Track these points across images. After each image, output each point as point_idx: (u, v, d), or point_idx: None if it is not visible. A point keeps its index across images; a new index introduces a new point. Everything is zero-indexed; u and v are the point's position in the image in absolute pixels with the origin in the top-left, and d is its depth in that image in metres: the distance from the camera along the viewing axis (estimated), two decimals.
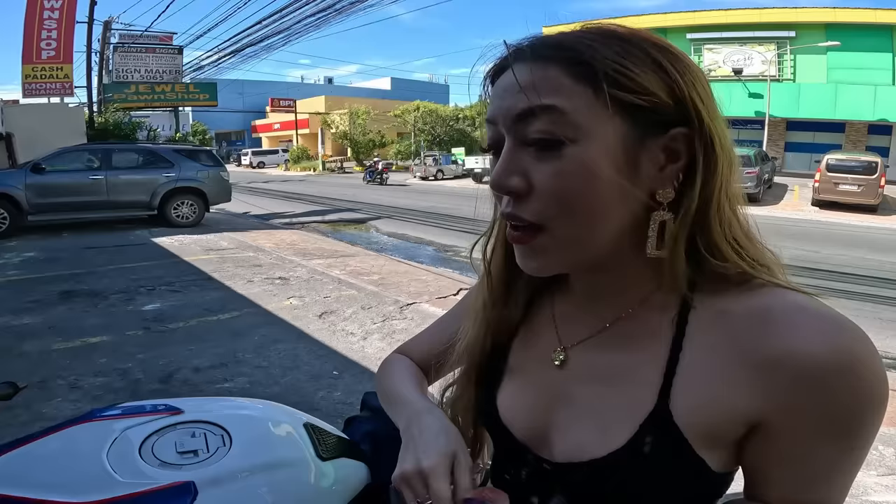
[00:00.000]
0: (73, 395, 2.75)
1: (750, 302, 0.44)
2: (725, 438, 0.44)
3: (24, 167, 8.34)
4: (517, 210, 0.45)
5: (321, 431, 0.81)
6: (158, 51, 16.67)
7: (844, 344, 0.40)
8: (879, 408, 0.41)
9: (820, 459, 0.42)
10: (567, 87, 0.42)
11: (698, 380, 0.44)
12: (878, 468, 2.28)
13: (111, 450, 0.66)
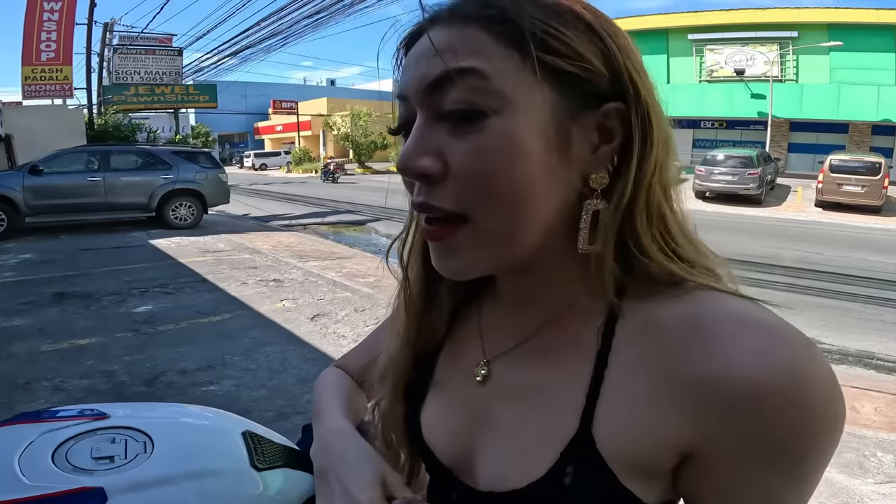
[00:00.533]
0: (56, 398, 2.73)
1: (680, 310, 0.37)
2: (655, 468, 0.38)
3: (21, 169, 8.37)
4: (430, 198, 0.38)
5: (262, 441, 0.77)
6: (158, 52, 16.74)
7: (788, 362, 0.34)
8: (831, 433, 0.35)
9: (762, 493, 0.36)
10: (489, 49, 0.36)
11: (623, 402, 0.38)
12: (876, 476, 2.23)
13: (24, 453, 0.63)
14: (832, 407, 0.35)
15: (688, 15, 22.20)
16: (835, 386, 0.35)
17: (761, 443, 0.34)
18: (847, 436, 2.54)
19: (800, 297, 5.81)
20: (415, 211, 0.43)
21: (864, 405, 2.90)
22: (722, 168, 14.98)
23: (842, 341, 4.46)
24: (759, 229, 11.03)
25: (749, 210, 13.95)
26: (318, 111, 35.77)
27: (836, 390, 0.35)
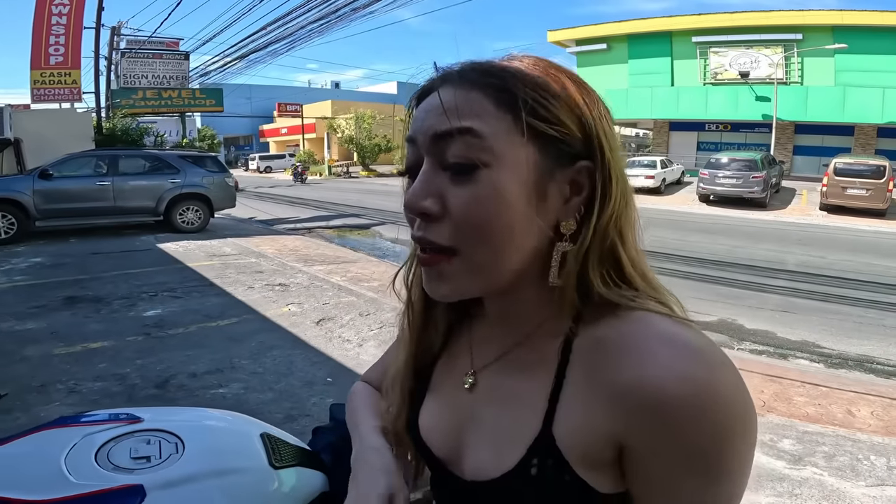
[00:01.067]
0: (70, 400, 2.81)
1: (619, 329, 0.44)
2: (601, 460, 0.45)
3: (31, 173, 8.47)
4: (428, 233, 0.45)
5: (278, 441, 0.85)
6: (165, 56, 16.87)
7: (696, 373, 0.40)
8: (740, 440, 0.41)
9: (684, 493, 0.42)
10: (487, 112, 0.43)
11: (575, 405, 0.46)
12: (868, 479, 2.26)
13: (70, 454, 0.71)
14: (740, 419, 0.41)
15: (692, 17, 22.14)
16: (741, 396, 0.41)
17: (675, 446, 0.40)
18: (841, 439, 2.59)
19: (801, 301, 5.85)
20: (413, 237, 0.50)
21: (861, 409, 2.95)
22: (726, 171, 14.97)
23: (842, 345, 4.50)
24: (763, 233, 11.04)
25: (753, 213, 13.96)
26: (322, 114, 35.91)
27: (742, 400, 0.41)
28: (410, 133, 0.48)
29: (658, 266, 4.03)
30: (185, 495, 0.69)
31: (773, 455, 2.43)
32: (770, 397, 3.06)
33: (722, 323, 5.03)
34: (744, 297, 5.94)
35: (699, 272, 7.12)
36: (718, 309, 5.43)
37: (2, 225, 7.91)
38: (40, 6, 13.53)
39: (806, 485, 2.20)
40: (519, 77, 0.44)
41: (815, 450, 2.48)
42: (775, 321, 5.10)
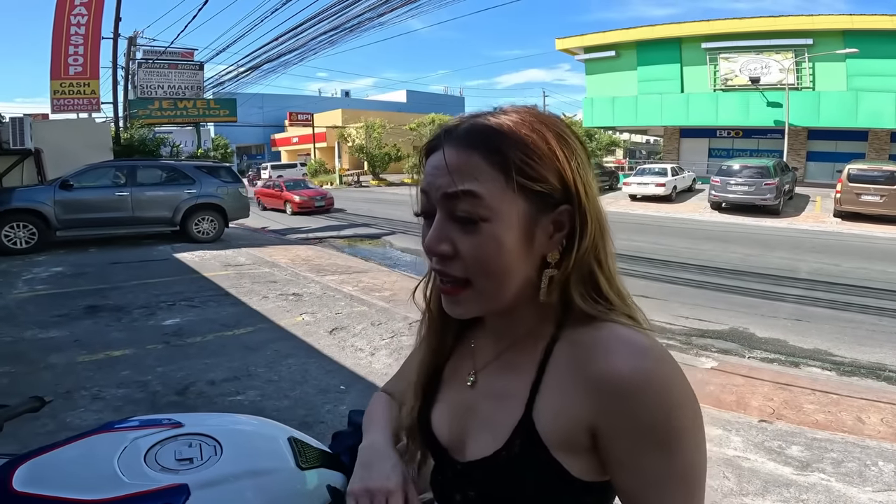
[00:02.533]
0: (95, 406, 2.91)
1: (592, 334, 0.56)
2: (576, 444, 0.55)
3: (52, 183, 8.70)
4: (446, 268, 0.57)
5: (304, 444, 0.92)
6: (180, 66, 17.17)
7: (645, 367, 0.52)
8: (683, 416, 0.52)
9: (647, 467, 0.52)
10: (485, 174, 0.54)
11: (552, 395, 0.57)
12: (875, 484, 2.28)
13: (121, 456, 0.78)
14: (678, 397, 0.52)
15: (701, 24, 22.01)
16: (681, 383, 0.53)
17: (634, 425, 0.52)
18: (850, 445, 2.60)
19: (814, 309, 5.82)
20: (434, 269, 0.61)
21: (871, 416, 2.95)
22: (738, 178, 14.86)
23: (854, 353, 4.48)
24: (777, 241, 10.96)
25: (766, 221, 13.86)
26: (332, 122, 36.28)
27: (681, 386, 0.53)
28: (424, 186, 0.58)
29: (668, 275, 4.13)
30: (224, 494, 0.76)
31: (780, 461, 2.45)
32: (780, 405, 3.08)
33: (733, 332, 5.03)
34: (756, 306, 5.93)
35: (711, 281, 7.11)
36: (730, 318, 5.43)
37: (23, 235, 8.15)
38: (59, 16, 13.70)
39: (813, 490, 2.22)
40: (510, 138, 0.55)
41: (823, 456, 2.50)
42: (787, 330, 5.09)
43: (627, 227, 12.29)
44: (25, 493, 0.75)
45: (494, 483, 0.59)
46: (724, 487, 2.26)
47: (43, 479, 0.77)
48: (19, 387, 3.13)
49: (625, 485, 0.55)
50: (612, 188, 21.66)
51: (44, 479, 0.77)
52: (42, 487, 0.75)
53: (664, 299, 6.07)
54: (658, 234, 11.56)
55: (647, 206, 17.23)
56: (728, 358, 4.21)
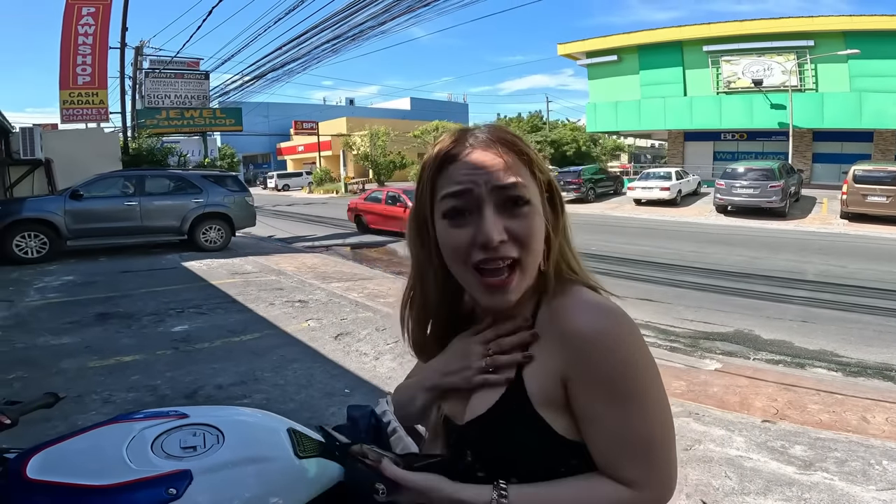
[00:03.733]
0: (106, 409, 2.97)
1: (564, 299, 0.67)
2: (555, 399, 0.64)
3: (63, 194, 8.83)
4: (500, 253, 0.64)
5: (302, 435, 0.96)
6: (187, 76, 17.32)
7: (603, 324, 0.62)
8: (637, 369, 0.61)
9: (606, 421, 0.61)
10: (519, 167, 0.66)
11: (536, 353, 0.66)
12: (878, 483, 2.28)
13: (129, 445, 0.83)
14: (633, 352, 0.61)
15: (702, 27, 21.99)
16: (636, 340, 0.62)
17: (592, 374, 0.61)
18: (854, 445, 2.60)
19: (820, 311, 5.80)
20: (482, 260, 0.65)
21: (876, 416, 2.95)
22: (743, 181, 14.82)
23: (861, 354, 4.46)
24: (783, 243, 10.91)
25: (773, 223, 13.81)
26: (337, 131, 36.56)
27: (636, 342, 0.62)
28: (461, 187, 0.65)
29: (673, 278, 4.17)
30: (225, 478, 0.81)
31: (783, 461, 2.45)
32: (783, 405, 3.08)
33: (738, 334, 5.02)
34: (762, 308, 5.91)
35: (716, 284, 7.09)
36: (735, 320, 5.42)
37: (34, 244, 8.26)
38: (67, 26, 13.84)
39: (815, 489, 2.22)
40: (527, 146, 0.69)
41: (826, 455, 2.50)
42: (793, 331, 5.07)
43: (633, 232, 12.27)
44: (39, 480, 0.80)
45: (487, 441, 0.67)
46: (726, 487, 2.27)
47: (55, 467, 0.81)
48: (32, 390, 3.19)
49: (589, 438, 0.62)
50: (616, 193, 21.62)
51: (56, 467, 0.81)
52: (54, 475, 0.80)
53: (669, 303, 6.07)
54: (663, 237, 11.54)
55: (652, 210, 17.20)
56: (732, 360, 4.21)
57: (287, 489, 0.86)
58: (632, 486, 0.62)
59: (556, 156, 33.26)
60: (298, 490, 0.86)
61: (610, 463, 0.62)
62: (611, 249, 9.58)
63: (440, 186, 0.66)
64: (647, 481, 0.62)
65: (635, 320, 0.65)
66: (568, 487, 0.63)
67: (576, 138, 35.01)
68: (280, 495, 0.84)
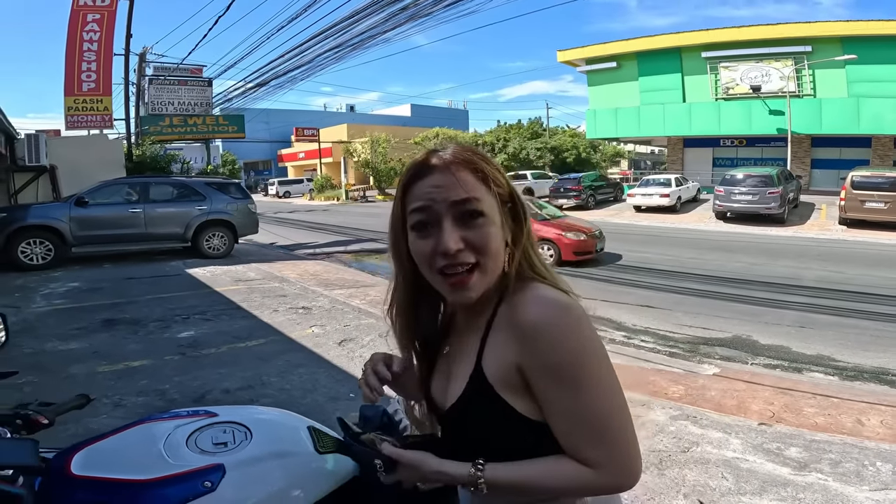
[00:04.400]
0: (117, 413, 3.03)
1: (520, 294, 0.75)
2: (515, 384, 0.73)
3: (68, 200, 8.89)
4: (459, 259, 0.73)
5: (321, 433, 1.04)
6: (190, 83, 17.41)
7: (551, 315, 0.70)
8: (585, 358, 0.69)
9: (559, 403, 0.70)
10: (475, 183, 0.75)
11: (495, 345, 0.75)
12: (872, 483, 2.33)
13: (166, 442, 0.90)
14: (582, 342, 0.70)
15: (700, 33, 22.12)
16: (585, 331, 0.70)
17: (542, 361, 0.69)
18: (849, 447, 2.66)
19: (818, 316, 5.86)
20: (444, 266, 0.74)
21: (871, 418, 3.01)
22: (742, 188, 14.92)
23: (858, 359, 4.52)
24: (782, 249, 10.99)
25: (771, 230, 13.88)
26: (338, 137, 36.67)
27: (586, 333, 0.70)
28: (424, 203, 0.74)
29: (673, 285, 4.29)
30: (254, 472, 0.88)
31: (778, 462, 2.52)
32: (780, 408, 3.14)
33: (737, 339, 5.09)
34: (760, 314, 5.98)
35: (715, 290, 7.16)
36: (734, 326, 5.49)
37: (40, 251, 8.33)
38: (72, 32, 13.88)
39: (810, 490, 2.28)
40: (480, 160, 0.76)
41: (821, 457, 2.56)
42: (791, 336, 5.14)
43: (633, 239, 12.35)
44: (84, 476, 0.87)
45: (462, 424, 0.78)
46: (722, 487, 2.33)
47: (98, 464, 0.89)
48: (43, 395, 3.21)
49: (551, 421, 0.72)
50: (616, 199, 21.71)
51: (99, 463, 0.89)
52: (98, 471, 0.87)
53: (669, 309, 6.14)
54: (663, 244, 11.62)
55: (652, 216, 17.28)
56: (730, 364, 4.28)
57: (309, 482, 0.93)
58: (593, 466, 0.70)
59: (557, 162, 33.33)
60: (319, 483, 0.94)
61: (571, 444, 0.71)
62: (612, 257, 9.65)
63: (408, 202, 0.76)
64: (606, 462, 0.70)
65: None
66: (537, 465, 0.73)
67: (576, 145, 35.11)
68: (303, 487, 0.92)
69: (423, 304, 0.86)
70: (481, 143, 33.11)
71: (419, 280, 0.80)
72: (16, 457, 0.82)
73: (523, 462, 0.73)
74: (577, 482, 0.71)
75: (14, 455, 0.82)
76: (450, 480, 0.74)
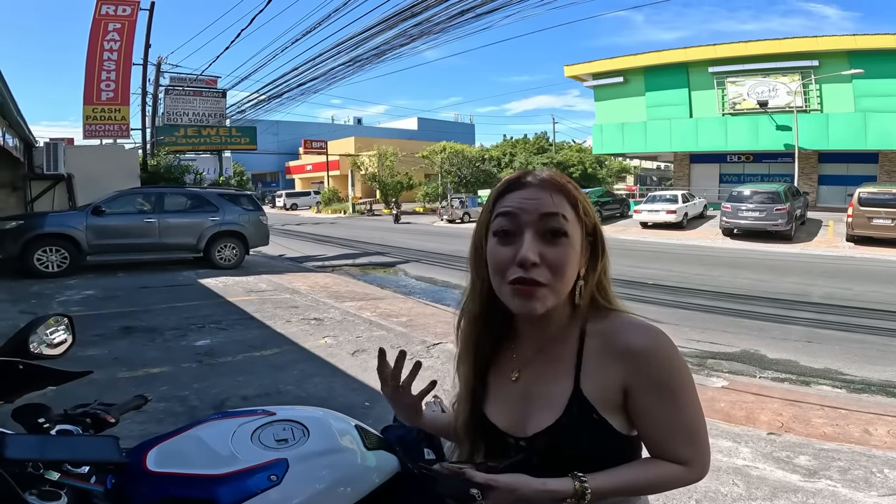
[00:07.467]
0: (139, 418, 3.11)
1: (612, 323, 0.82)
2: (615, 404, 0.79)
3: (84, 209, 9.06)
4: (531, 274, 0.75)
5: (366, 431, 1.13)
6: (205, 94, 17.60)
7: (654, 340, 0.78)
8: (681, 374, 0.78)
9: (661, 415, 0.78)
10: (566, 205, 0.79)
11: (593, 369, 0.80)
12: (880, 489, 2.39)
13: (233, 438, 0.99)
14: (677, 360, 0.79)
15: (707, 48, 22.25)
16: (676, 351, 0.79)
17: (649, 380, 0.77)
18: (857, 455, 2.72)
19: (825, 332, 5.89)
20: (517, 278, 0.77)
21: (878, 428, 3.07)
22: (749, 204, 14.93)
23: (865, 372, 4.56)
24: (789, 266, 11.00)
25: (779, 247, 13.90)
26: (345, 150, 36.96)
27: (677, 353, 0.79)
28: (513, 209, 0.78)
29: (680, 301, 4.41)
30: (315, 466, 0.97)
31: (788, 469, 2.57)
32: (788, 419, 3.20)
33: (745, 353, 5.13)
34: (767, 329, 6.02)
35: (722, 306, 7.20)
36: (741, 341, 5.53)
37: (55, 259, 8.48)
38: (93, 41, 14.04)
39: (819, 496, 2.34)
40: (572, 187, 0.82)
41: (830, 465, 2.62)
42: (798, 351, 5.18)
43: (640, 255, 12.37)
44: (160, 472, 0.95)
45: (557, 445, 0.80)
46: (734, 493, 2.39)
47: (172, 460, 0.97)
48: (65, 399, 3.30)
49: (647, 431, 0.79)
50: (622, 216, 21.76)
51: (173, 459, 0.97)
52: (173, 466, 0.96)
53: (676, 324, 6.18)
54: (670, 260, 11.66)
55: (658, 233, 17.32)
56: (739, 378, 4.32)
57: (360, 477, 1.02)
58: (685, 463, 0.79)
59: None
60: (370, 476, 1.03)
61: (666, 448, 0.79)
62: (619, 273, 9.61)
63: (496, 209, 0.80)
64: (695, 458, 0.80)
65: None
66: (633, 470, 0.79)
67: (581, 160, 35.33)
68: (354, 482, 1.01)
69: (493, 320, 0.88)
70: (487, 157, 33.37)
71: (493, 292, 0.81)
72: (101, 453, 0.88)
73: (618, 469, 0.79)
74: (673, 477, 0.79)
75: (99, 451, 0.88)
76: (554, 496, 0.75)
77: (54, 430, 0.96)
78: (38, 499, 0.79)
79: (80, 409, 1.13)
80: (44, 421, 0.96)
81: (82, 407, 1.14)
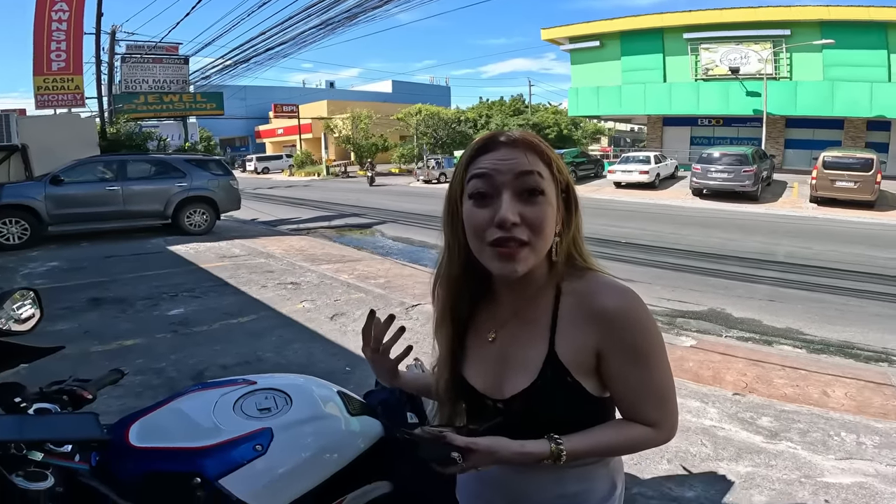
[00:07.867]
0: (116, 392, 3.06)
1: (587, 284, 0.82)
2: (588, 367, 0.80)
3: (42, 179, 8.68)
4: (513, 233, 0.75)
5: (349, 397, 1.14)
6: (165, 61, 17.00)
7: (628, 303, 0.78)
8: (652, 337, 0.79)
9: (632, 379, 0.79)
10: (540, 163, 0.78)
11: (566, 331, 0.81)
12: (837, 452, 2.51)
13: (215, 409, 0.98)
14: (649, 323, 0.79)
15: (682, 14, 22.32)
16: (648, 314, 0.80)
17: (621, 344, 0.78)
18: (815, 417, 2.86)
19: (787, 290, 6.15)
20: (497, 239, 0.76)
21: (836, 390, 3.21)
22: (718, 166, 15.28)
23: (824, 332, 4.79)
24: (755, 226, 11.36)
25: (745, 207, 14.29)
26: (318, 114, 35.99)
27: (649, 315, 0.80)
28: (488, 170, 0.77)
29: (653, 259, 4.50)
30: (299, 434, 0.97)
31: (751, 431, 2.71)
32: (752, 380, 3.35)
33: (711, 312, 5.32)
34: (733, 288, 6.24)
35: (692, 265, 7.42)
36: (709, 299, 5.73)
37: (15, 230, 8.14)
38: (40, 12, 13.60)
39: (781, 457, 2.47)
40: (546, 146, 0.81)
41: (790, 426, 2.75)
42: (762, 310, 5.40)
43: (614, 214, 12.58)
44: (144, 447, 0.94)
45: (532, 408, 0.81)
46: (702, 453, 2.51)
47: (155, 435, 0.96)
48: (39, 375, 3.22)
49: (619, 394, 0.81)
50: (597, 176, 21.98)
51: (155, 434, 0.96)
52: (156, 441, 0.95)
53: (649, 283, 6.35)
54: (643, 220, 11.88)
55: (631, 192, 17.59)
56: (706, 337, 4.49)
57: (346, 442, 1.03)
58: (654, 425, 0.81)
59: None
60: (355, 442, 1.04)
61: (637, 410, 0.81)
62: (593, 231, 9.84)
63: (470, 171, 0.78)
64: (663, 421, 0.82)
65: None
66: (606, 431, 0.81)
67: (557, 122, 35.19)
68: (340, 448, 1.02)
69: (470, 282, 0.87)
70: (463, 119, 32.95)
71: (471, 254, 0.80)
72: (82, 431, 0.85)
73: (592, 430, 0.81)
74: (643, 439, 0.81)
75: (80, 429, 0.85)
76: (532, 458, 0.77)
77: (32, 409, 0.93)
78: (24, 480, 0.77)
79: (55, 386, 1.11)
80: (20, 400, 0.93)
81: (58, 384, 1.12)
